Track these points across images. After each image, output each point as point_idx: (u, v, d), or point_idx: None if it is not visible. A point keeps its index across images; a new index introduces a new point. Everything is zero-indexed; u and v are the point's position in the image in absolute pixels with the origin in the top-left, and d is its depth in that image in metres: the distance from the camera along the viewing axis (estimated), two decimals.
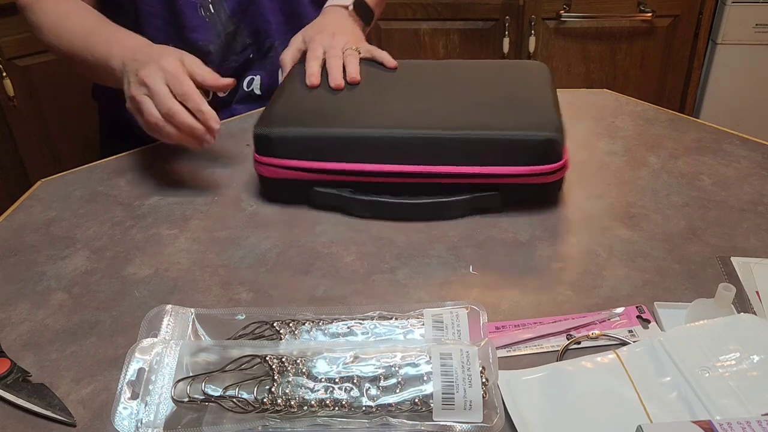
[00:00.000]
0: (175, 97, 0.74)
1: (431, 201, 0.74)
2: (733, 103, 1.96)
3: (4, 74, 1.60)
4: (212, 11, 0.98)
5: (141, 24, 0.96)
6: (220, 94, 0.91)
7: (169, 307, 0.62)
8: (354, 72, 0.84)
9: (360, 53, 0.89)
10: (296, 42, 0.94)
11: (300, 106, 0.80)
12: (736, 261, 0.67)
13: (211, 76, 0.78)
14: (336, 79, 0.83)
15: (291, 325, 0.59)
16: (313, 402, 0.51)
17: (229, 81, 0.79)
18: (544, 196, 0.76)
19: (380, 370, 0.53)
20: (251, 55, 1.04)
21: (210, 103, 0.75)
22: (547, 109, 0.76)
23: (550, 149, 0.72)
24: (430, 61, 0.93)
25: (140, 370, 0.55)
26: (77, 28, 0.89)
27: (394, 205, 0.74)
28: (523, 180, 0.73)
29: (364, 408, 0.51)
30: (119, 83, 0.80)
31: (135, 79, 0.76)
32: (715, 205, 0.77)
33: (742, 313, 0.59)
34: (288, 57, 0.92)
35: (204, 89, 0.77)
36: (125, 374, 0.55)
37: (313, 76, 0.84)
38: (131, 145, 0.93)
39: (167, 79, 0.74)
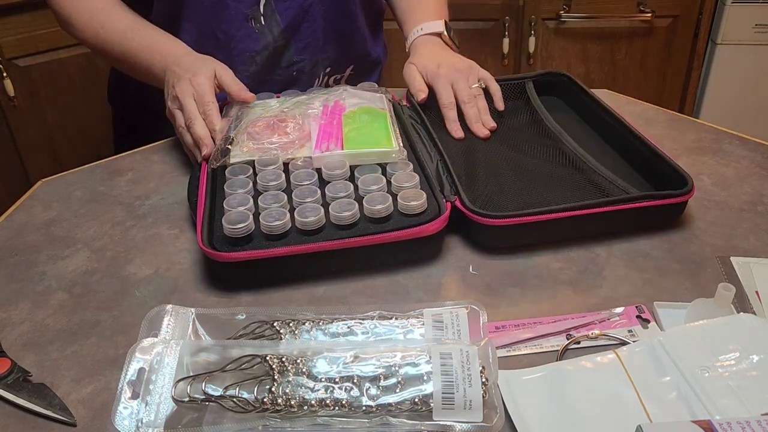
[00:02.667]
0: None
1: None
2: (733, 103, 1.96)
3: (4, 74, 1.60)
4: (263, 23, 0.96)
5: (185, 30, 0.96)
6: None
7: (169, 307, 0.62)
8: (490, 123, 0.89)
9: (482, 85, 0.93)
10: (416, 75, 0.94)
11: None
12: (735, 261, 0.67)
13: (235, 88, 0.85)
14: (482, 132, 0.88)
15: (291, 324, 0.59)
16: (313, 402, 0.51)
17: (249, 96, 0.86)
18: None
19: (380, 370, 0.53)
20: (294, 73, 1.02)
21: None
22: None
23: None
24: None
25: (141, 370, 0.55)
26: (115, 30, 0.90)
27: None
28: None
29: (364, 408, 0.51)
30: (161, 86, 0.87)
31: (171, 92, 0.83)
32: (715, 205, 0.77)
33: (741, 313, 0.59)
34: (419, 85, 0.93)
35: None
36: (126, 374, 0.55)
37: (459, 131, 0.88)
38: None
39: (195, 96, 0.81)
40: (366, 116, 0.84)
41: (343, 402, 0.51)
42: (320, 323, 0.59)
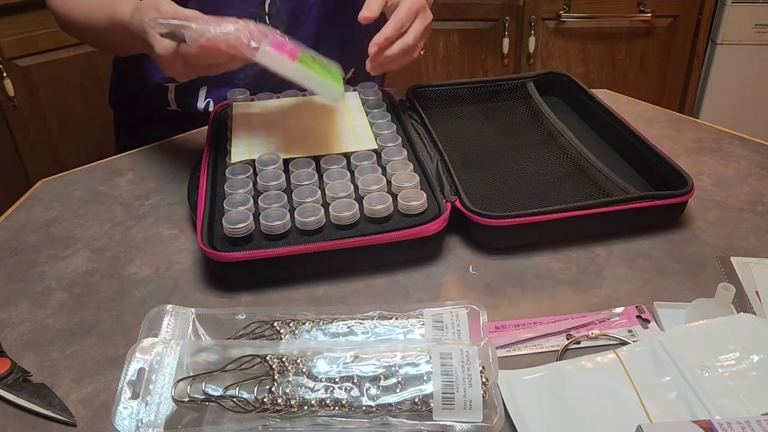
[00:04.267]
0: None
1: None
2: (732, 103, 1.96)
3: (4, 74, 1.60)
4: (267, 23, 0.95)
5: None
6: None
7: (169, 306, 0.62)
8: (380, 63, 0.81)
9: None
10: None
11: None
12: (735, 261, 0.67)
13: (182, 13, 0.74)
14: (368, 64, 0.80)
15: (291, 324, 0.59)
16: (313, 402, 0.51)
17: (198, 14, 0.75)
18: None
19: (380, 370, 0.53)
20: None
21: None
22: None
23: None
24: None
25: (141, 370, 0.55)
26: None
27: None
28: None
29: (364, 408, 0.51)
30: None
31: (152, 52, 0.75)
32: (715, 205, 0.77)
33: (741, 313, 0.59)
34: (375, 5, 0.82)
35: None
36: (126, 374, 0.55)
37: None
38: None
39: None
40: (318, 65, 0.81)
41: (343, 402, 0.51)
42: (320, 323, 0.59)
